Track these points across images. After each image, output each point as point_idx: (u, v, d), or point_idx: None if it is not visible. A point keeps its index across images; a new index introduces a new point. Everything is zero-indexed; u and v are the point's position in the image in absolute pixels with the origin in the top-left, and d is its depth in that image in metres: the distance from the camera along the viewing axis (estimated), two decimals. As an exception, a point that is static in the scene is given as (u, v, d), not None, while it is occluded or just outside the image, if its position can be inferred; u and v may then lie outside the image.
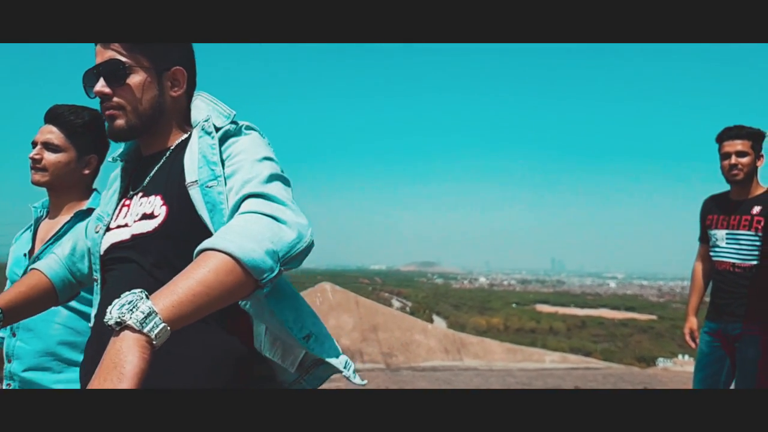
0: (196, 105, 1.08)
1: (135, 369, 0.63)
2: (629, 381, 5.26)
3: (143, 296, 0.69)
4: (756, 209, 2.52)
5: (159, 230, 0.96)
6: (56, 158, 1.57)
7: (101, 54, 1.01)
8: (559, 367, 6.05)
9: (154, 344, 0.67)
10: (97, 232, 1.08)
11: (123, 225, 1.02)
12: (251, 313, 0.95)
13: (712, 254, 2.67)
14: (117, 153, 1.15)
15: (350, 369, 1.00)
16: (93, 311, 1.06)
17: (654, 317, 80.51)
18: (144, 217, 0.99)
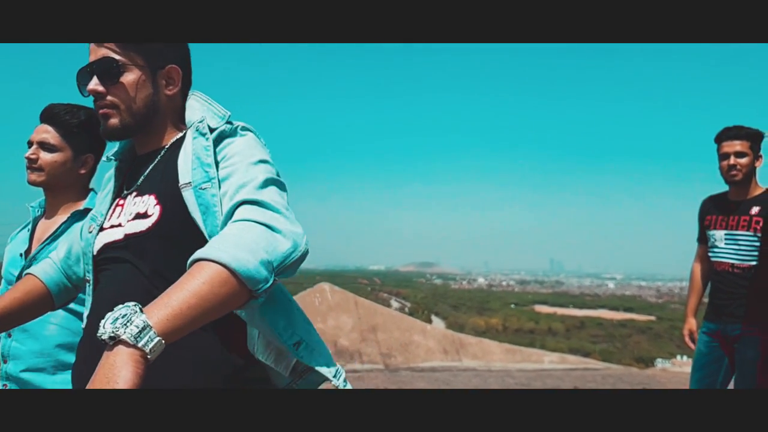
0: (191, 105, 1.07)
1: (128, 384, 0.63)
2: (628, 382, 5.26)
3: (137, 310, 0.68)
4: (755, 209, 2.51)
5: (152, 230, 0.95)
6: (52, 158, 1.56)
7: (95, 52, 1.00)
8: (558, 368, 6.05)
9: (149, 358, 0.67)
10: (90, 232, 1.07)
11: (116, 225, 1.01)
12: (243, 318, 0.94)
13: (711, 255, 2.67)
14: (111, 152, 1.14)
15: (340, 378, 0.99)
16: (85, 312, 1.05)
17: (652, 318, 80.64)
18: (137, 217, 0.98)
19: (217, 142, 0.99)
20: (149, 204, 0.98)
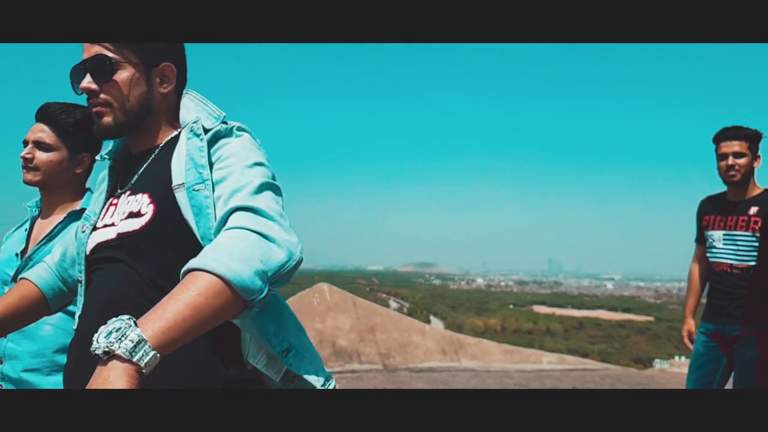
0: (185, 104, 1.06)
1: None
2: (627, 382, 5.26)
3: (131, 323, 0.67)
4: (753, 210, 2.51)
5: (145, 229, 0.94)
6: (48, 157, 1.55)
7: (88, 50, 0.99)
8: (557, 369, 6.05)
9: (144, 373, 0.66)
10: (84, 232, 1.06)
11: (110, 224, 1.00)
12: (234, 323, 0.93)
13: (709, 255, 2.66)
14: (105, 151, 1.13)
15: (329, 387, 0.98)
16: (77, 312, 1.04)
17: (651, 318, 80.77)
18: (131, 216, 0.97)
19: (212, 143, 0.98)
20: (143, 203, 0.97)
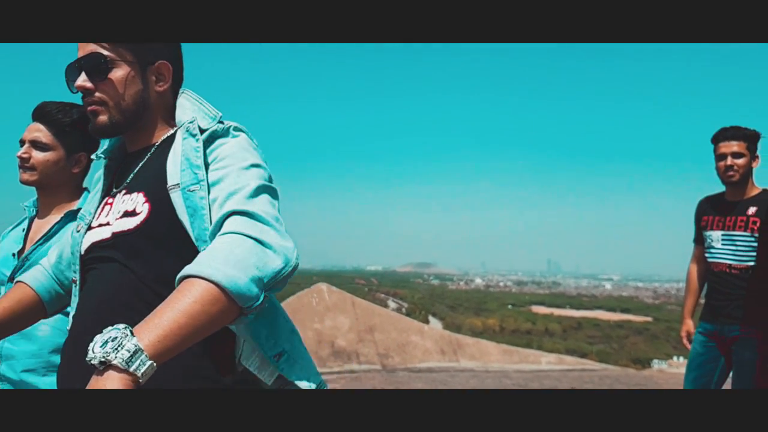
0: (181, 104, 1.05)
1: None
2: (625, 383, 5.26)
3: (128, 333, 0.67)
4: (751, 210, 2.51)
5: (140, 228, 0.93)
6: (44, 157, 1.55)
7: (83, 48, 0.98)
8: (555, 369, 6.05)
9: (140, 382, 0.66)
10: (78, 231, 1.05)
11: (105, 223, 1.00)
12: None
13: (708, 256, 2.66)
14: (100, 150, 1.12)
15: None
16: (71, 312, 1.03)
17: (649, 319, 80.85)
18: (126, 215, 0.96)
19: (209, 143, 0.97)
20: (138, 202, 0.96)
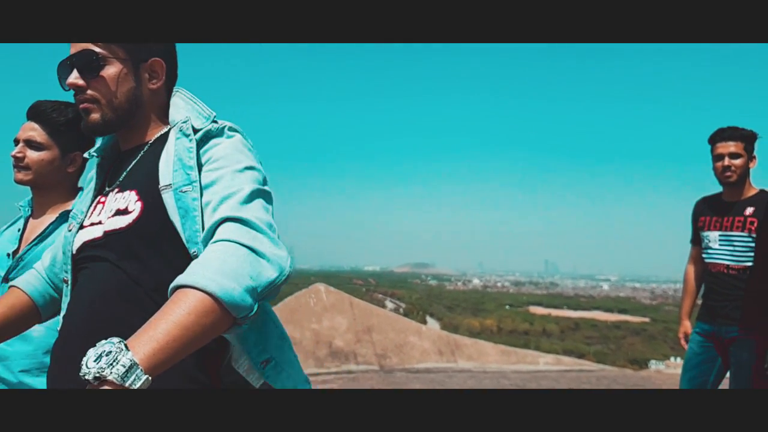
0: (175, 102, 1.04)
1: None
2: (623, 384, 5.26)
3: (123, 347, 0.66)
4: (749, 210, 2.50)
5: (132, 227, 0.92)
6: (39, 156, 1.53)
7: (75, 45, 0.97)
8: (553, 370, 6.05)
9: None
10: (70, 231, 1.04)
11: (97, 222, 0.98)
12: None
13: (705, 256, 2.65)
14: (93, 148, 1.11)
15: None
16: (62, 312, 1.02)
17: (646, 319, 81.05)
18: (118, 213, 0.95)
19: (203, 143, 0.96)
20: (130, 200, 0.95)
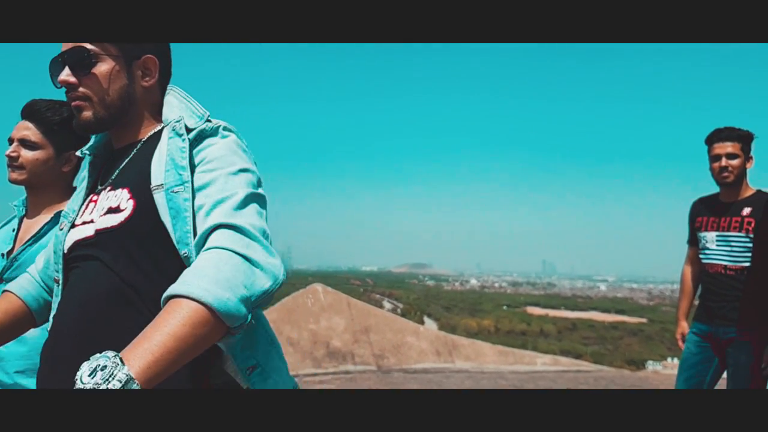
0: (169, 101, 1.03)
1: None
2: (620, 384, 5.27)
3: (118, 362, 0.65)
4: (746, 210, 2.50)
5: (124, 225, 0.91)
6: (33, 156, 1.52)
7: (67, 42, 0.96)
8: (550, 370, 6.05)
9: None
10: (62, 230, 1.02)
11: (88, 221, 0.97)
12: None
13: (702, 257, 2.65)
14: (86, 146, 1.10)
15: None
16: (52, 312, 1.00)
17: (644, 320, 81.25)
18: (110, 211, 0.94)
19: (197, 142, 0.95)
20: (122, 198, 0.94)
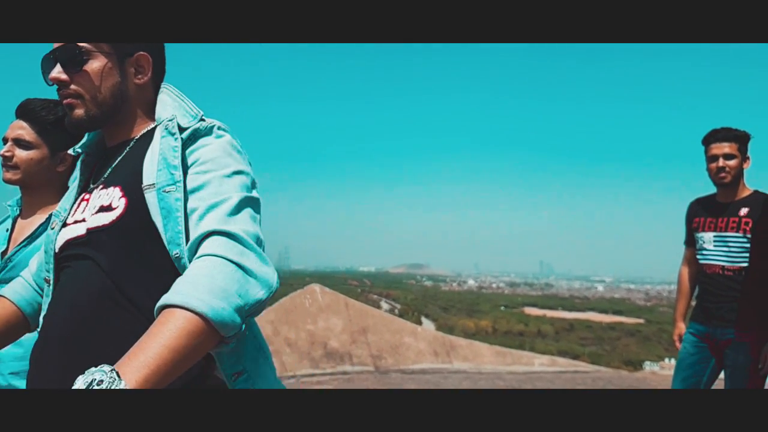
0: (162, 99, 1.02)
1: None
2: (618, 385, 5.27)
3: (115, 376, 0.65)
4: (743, 211, 2.50)
5: (116, 224, 0.90)
6: (28, 155, 1.51)
7: None
8: (548, 371, 6.05)
9: None
10: (53, 229, 1.01)
11: (80, 220, 0.96)
12: None
13: (700, 257, 2.65)
14: (79, 144, 1.08)
15: None
16: (42, 312, 0.99)
17: (641, 321, 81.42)
18: (101, 210, 0.93)
19: (190, 142, 0.94)
20: (114, 196, 0.93)
